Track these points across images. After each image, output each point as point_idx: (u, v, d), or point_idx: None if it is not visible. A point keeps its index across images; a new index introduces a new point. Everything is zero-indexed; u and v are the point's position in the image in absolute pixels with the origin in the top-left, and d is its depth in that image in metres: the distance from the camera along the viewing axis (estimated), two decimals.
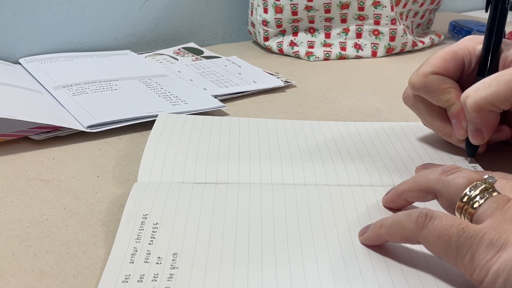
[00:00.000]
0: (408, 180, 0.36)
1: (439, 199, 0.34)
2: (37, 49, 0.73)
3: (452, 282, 0.31)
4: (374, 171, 0.43)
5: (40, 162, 0.46)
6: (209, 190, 0.39)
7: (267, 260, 0.32)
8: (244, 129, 0.50)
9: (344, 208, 0.37)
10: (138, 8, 0.79)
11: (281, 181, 0.42)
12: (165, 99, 0.57)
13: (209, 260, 0.32)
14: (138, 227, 0.35)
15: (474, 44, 0.46)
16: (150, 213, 0.36)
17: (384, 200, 0.38)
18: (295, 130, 0.50)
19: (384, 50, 0.79)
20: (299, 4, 0.76)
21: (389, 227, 0.32)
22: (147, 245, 0.33)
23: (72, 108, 0.54)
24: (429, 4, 0.85)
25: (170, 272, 0.31)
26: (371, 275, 0.31)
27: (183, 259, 0.32)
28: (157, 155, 0.44)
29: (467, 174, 0.32)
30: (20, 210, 0.39)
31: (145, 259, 0.32)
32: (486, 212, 0.30)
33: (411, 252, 0.33)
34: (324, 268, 0.32)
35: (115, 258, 0.32)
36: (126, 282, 0.30)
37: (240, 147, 0.46)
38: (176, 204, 0.37)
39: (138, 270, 0.31)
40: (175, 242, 0.34)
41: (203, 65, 0.71)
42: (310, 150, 0.46)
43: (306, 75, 0.71)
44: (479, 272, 0.28)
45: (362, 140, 0.49)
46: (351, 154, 0.46)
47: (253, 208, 0.37)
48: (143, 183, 0.40)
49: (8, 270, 0.33)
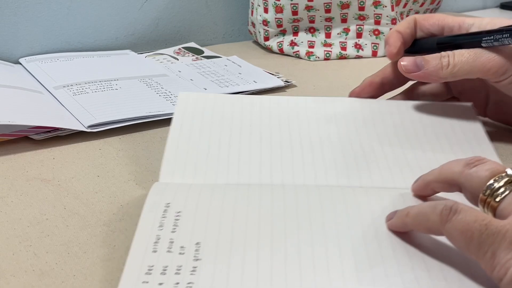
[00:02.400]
0: (435, 170, 0.36)
1: (463, 192, 0.34)
2: (37, 49, 0.73)
3: (477, 280, 0.30)
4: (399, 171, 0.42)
5: (40, 162, 0.46)
6: (230, 188, 0.39)
7: (291, 258, 0.32)
8: (265, 113, 0.48)
9: (371, 209, 0.37)
10: (138, 8, 0.79)
11: (303, 182, 0.41)
12: (165, 98, 0.57)
13: (232, 252, 0.32)
14: (161, 215, 0.34)
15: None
16: (172, 202, 0.36)
17: (413, 188, 0.38)
18: (321, 110, 0.48)
19: (384, 50, 0.79)
20: (300, 4, 0.76)
21: (415, 217, 0.32)
22: (170, 233, 0.33)
23: (72, 108, 0.54)
24: (429, 4, 0.85)
25: (193, 265, 0.31)
26: (396, 276, 0.31)
27: (206, 250, 0.32)
28: (179, 154, 0.42)
29: (490, 166, 0.32)
30: (20, 210, 0.39)
31: (168, 248, 0.32)
32: (510, 207, 0.30)
33: (437, 248, 0.32)
34: (348, 268, 0.31)
35: (137, 246, 0.32)
36: (149, 274, 0.30)
37: (262, 140, 0.44)
38: (198, 195, 0.37)
39: (161, 260, 0.31)
40: (198, 231, 0.33)
41: (204, 65, 0.71)
42: (330, 145, 0.45)
43: (306, 75, 0.71)
44: (499, 270, 0.28)
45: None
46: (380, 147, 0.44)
47: (276, 208, 0.36)
48: (164, 183, 0.39)
49: (8, 270, 0.33)
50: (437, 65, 0.46)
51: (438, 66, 0.46)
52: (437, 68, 0.46)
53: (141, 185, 0.43)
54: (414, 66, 0.47)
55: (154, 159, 0.47)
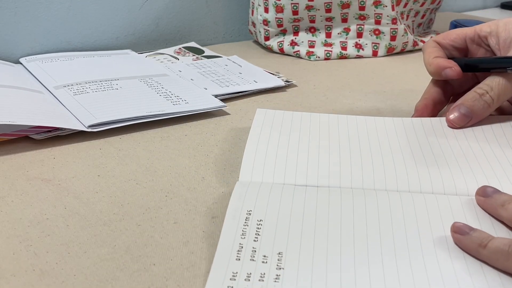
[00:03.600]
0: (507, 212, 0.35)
1: None
2: (37, 48, 0.73)
3: None
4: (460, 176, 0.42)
5: (41, 162, 0.46)
6: (311, 192, 0.39)
7: (374, 266, 0.32)
8: (335, 127, 0.49)
9: (441, 217, 0.37)
10: (138, 7, 0.79)
11: (385, 187, 0.41)
12: (166, 98, 0.57)
13: (314, 262, 0.32)
14: (243, 222, 0.35)
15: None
16: (254, 209, 0.36)
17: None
18: (385, 127, 0.49)
19: (385, 50, 0.79)
20: (300, 4, 0.76)
21: (493, 253, 0.32)
22: (252, 242, 0.33)
23: (73, 107, 0.54)
24: (430, 4, 0.85)
25: (276, 273, 0.31)
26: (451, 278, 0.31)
27: (289, 260, 0.32)
28: (258, 155, 0.44)
29: None
30: (20, 209, 0.39)
31: (251, 256, 0.32)
32: None
33: None
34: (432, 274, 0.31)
35: (221, 253, 0.32)
36: (233, 280, 0.30)
37: (341, 148, 0.45)
38: (279, 202, 0.37)
39: (244, 268, 0.31)
40: (279, 241, 0.34)
41: (204, 64, 0.71)
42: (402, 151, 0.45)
43: (306, 75, 0.71)
44: None
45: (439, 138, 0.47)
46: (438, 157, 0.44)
47: (357, 213, 0.37)
48: (245, 182, 0.40)
49: (8, 270, 0.33)
50: (483, 106, 0.48)
51: (485, 106, 0.48)
52: (484, 107, 0.48)
53: (141, 185, 0.43)
54: (464, 118, 0.48)
55: (154, 159, 0.47)
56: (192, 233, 0.37)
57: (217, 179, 0.44)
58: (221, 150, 0.49)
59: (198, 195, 0.42)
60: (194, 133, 0.53)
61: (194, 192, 0.42)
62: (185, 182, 0.44)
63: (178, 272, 0.33)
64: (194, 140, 0.51)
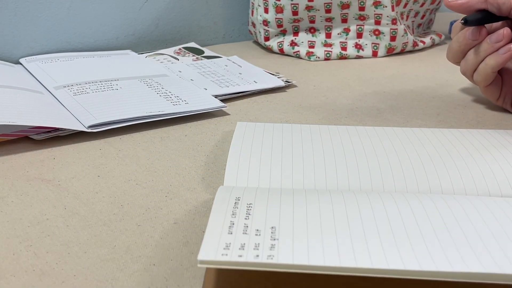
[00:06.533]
0: None
1: None
2: (37, 49, 0.73)
3: None
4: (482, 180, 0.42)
5: (41, 162, 0.46)
6: (298, 184, 0.40)
7: (369, 232, 0.32)
8: (317, 134, 0.49)
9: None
10: (138, 8, 0.79)
11: (371, 187, 0.41)
12: (165, 99, 0.57)
13: (309, 232, 0.32)
14: (232, 205, 0.35)
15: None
16: (242, 196, 0.36)
17: None
18: (375, 135, 0.49)
19: (384, 50, 0.79)
20: (300, 4, 0.76)
21: None
22: (244, 220, 0.33)
23: (73, 108, 0.54)
24: (429, 4, 0.85)
25: (271, 243, 0.31)
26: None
27: (283, 231, 0.32)
28: (241, 162, 0.43)
29: None
30: (20, 210, 0.39)
31: (244, 231, 0.32)
32: None
33: None
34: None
35: (212, 228, 0.32)
36: (227, 249, 0.30)
37: (325, 152, 0.45)
38: (267, 191, 0.37)
39: (238, 239, 0.31)
40: (271, 217, 0.33)
41: (204, 65, 0.71)
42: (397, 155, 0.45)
43: (306, 75, 0.71)
44: None
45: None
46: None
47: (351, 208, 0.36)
48: (229, 187, 0.40)
49: (8, 270, 0.33)
50: None
51: None
52: None
53: (141, 185, 0.43)
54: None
55: (155, 159, 0.47)
56: (192, 233, 0.37)
57: (217, 179, 0.44)
58: (221, 150, 0.49)
59: (198, 195, 0.42)
60: (194, 133, 0.53)
61: (194, 192, 0.42)
62: (185, 182, 0.44)
63: (178, 272, 0.33)
64: (194, 141, 0.51)
